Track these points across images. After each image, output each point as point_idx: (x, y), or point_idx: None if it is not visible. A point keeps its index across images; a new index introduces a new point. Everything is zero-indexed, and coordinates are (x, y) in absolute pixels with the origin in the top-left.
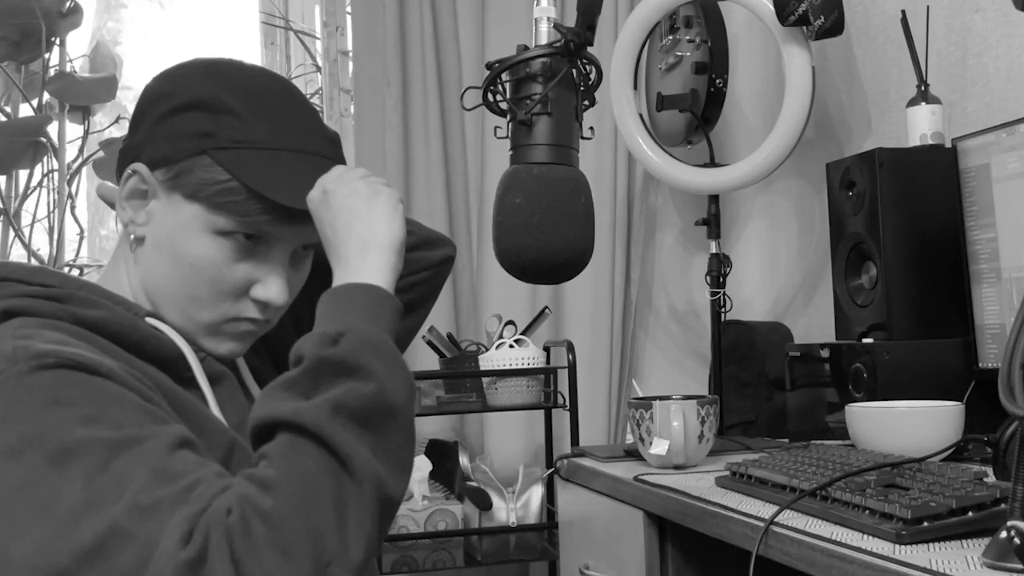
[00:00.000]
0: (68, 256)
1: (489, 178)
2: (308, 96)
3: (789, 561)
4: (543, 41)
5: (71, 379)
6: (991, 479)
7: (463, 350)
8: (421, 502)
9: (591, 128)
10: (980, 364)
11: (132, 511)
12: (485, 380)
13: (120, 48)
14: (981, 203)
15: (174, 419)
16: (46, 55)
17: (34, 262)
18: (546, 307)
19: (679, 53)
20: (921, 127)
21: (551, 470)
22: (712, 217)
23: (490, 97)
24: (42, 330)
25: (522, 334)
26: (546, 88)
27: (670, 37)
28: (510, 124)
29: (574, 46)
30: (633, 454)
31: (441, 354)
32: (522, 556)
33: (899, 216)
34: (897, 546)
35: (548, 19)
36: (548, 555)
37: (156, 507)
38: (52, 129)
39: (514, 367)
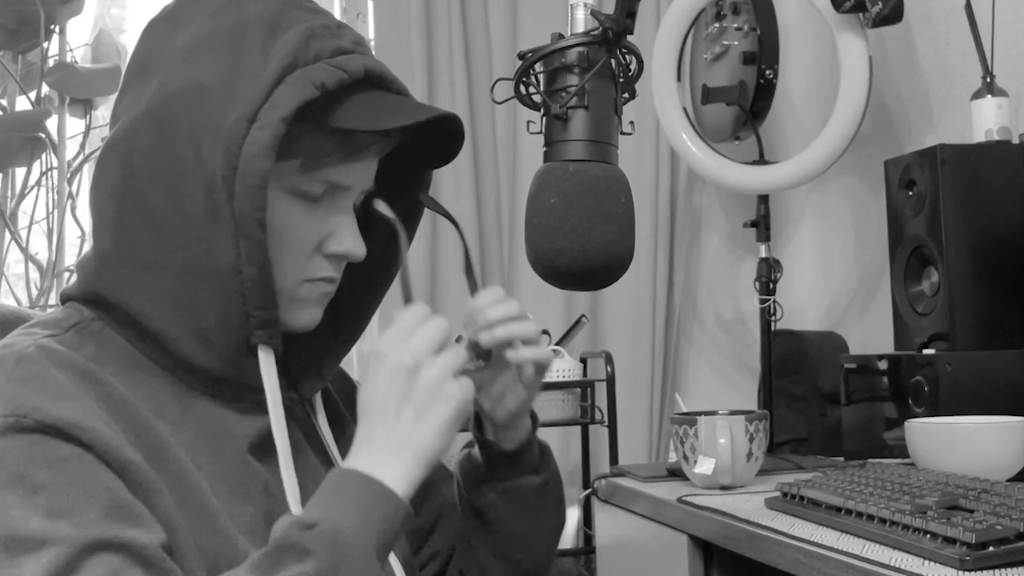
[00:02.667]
0: (69, 261)
1: (521, 177)
2: None
3: None
4: (580, 29)
5: (45, 453)
6: None
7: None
8: None
9: (631, 123)
10: None
11: None
12: None
13: (124, 37)
14: None
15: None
16: (45, 44)
17: (31, 267)
18: (583, 315)
19: (726, 42)
20: (986, 121)
21: (588, 491)
22: (761, 218)
23: (522, 89)
24: (45, 367)
25: (557, 344)
26: (583, 80)
27: (716, 25)
28: (544, 118)
29: (613, 34)
30: (676, 474)
31: None
32: None
33: (962, 217)
34: (960, 572)
35: (585, 5)
36: None
37: None
38: (51, 124)
39: (548, 380)
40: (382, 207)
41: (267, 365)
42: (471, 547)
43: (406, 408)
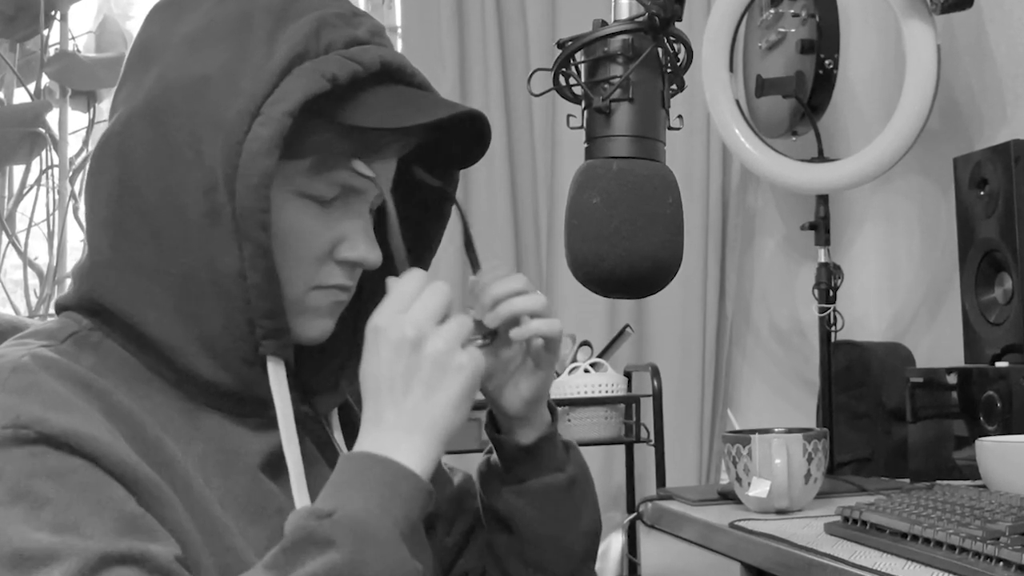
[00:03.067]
0: (71, 266)
1: (560, 175)
2: None
3: None
4: (624, 15)
5: (49, 465)
6: None
7: (548, 400)
8: None
9: (680, 117)
10: None
11: None
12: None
13: (131, 24)
14: None
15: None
16: (45, 31)
17: (30, 273)
18: (627, 325)
19: (782, 29)
20: None
21: (633, 515)
22: (820, 220)
23: (562, 81)
24: (42, 377)
25: (599, 357)
26: (627, 70)
27: (772, 11)
28: (585, 112)
29: (660, 21)
30: (728, 496)
31: None
32: None
33: None
34: None
35: None
36: None
37: None
38: (52, 118)
39: (590, 395)
40: (422, 174)
41: (277, 378)
42: (499, 559)
43: (414, 384)
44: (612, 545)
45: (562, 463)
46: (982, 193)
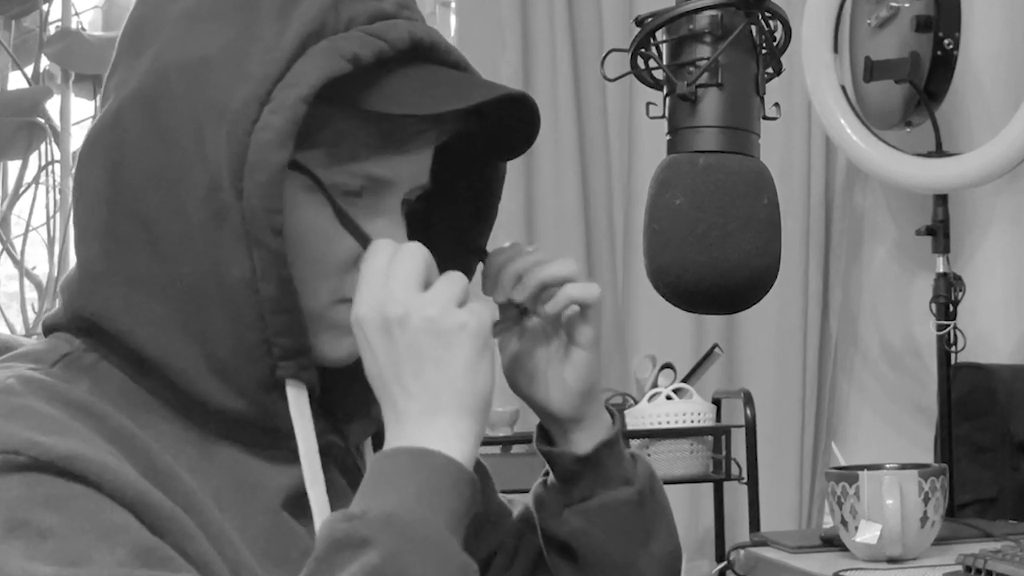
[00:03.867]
0: None
1: (639, 172)
2: None
3: None
4: None
5: (46, 492)
6: None
7: (604, 403)
8: None
9: (776, 105)
10: None
11: None
12: (634, 443)
13: None
14: None
15: (183, 534)
16: (44, 6)
17: (28, 286)
18: (716, 345)
19: (894, 4)
20: None
21: (723, 564)
22: (939, 224)
23: (641, 63)
24: (31, 401)
25: (683, 381)
26: (716, 51)
27: None
28: (667, 99)
29: None
30: (833, 542)
31: None
32: None
33: None
34: None
35: None
36: None
37: None
38: (52, 106)
39: (672, 426)
40: None
41: (298, 405)
42: None
43: (418, 363)
44: None
45: (629, 475)
46: None
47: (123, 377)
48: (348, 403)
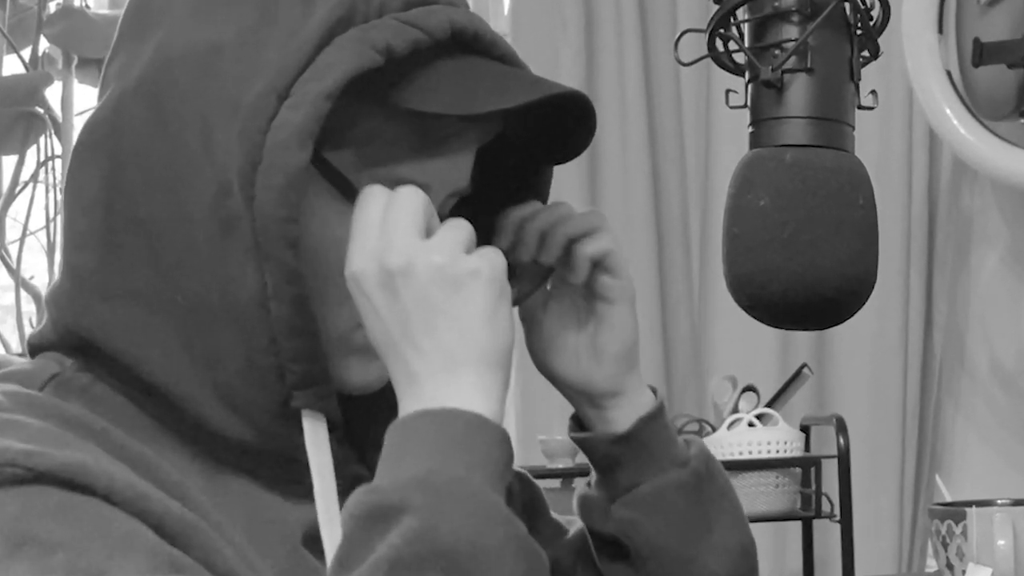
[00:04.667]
0: None
1: (717, 169)
2: None
3: None
4: None
5: (49, 504)
6: None
7: (679, 429)
8: None
9: (872, 93)
10: None
11: None
12: None
13: None
14: None
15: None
16: None
17: (25, 298)
18: (804, 365)
19: None
20: None
21: None
22: None
23: (719, 46)
24: (21, 417)
25: (767, 406)
26: (806, 32)
27: None
28: (750, 86)
29: None
30: None
31: None
32: None
33: None
34: None
35: None
36: None
37: None
38: (53, 94)
39: (755, 456)
40: None
41: (314, 438)
42: None
43: (428, 317)
44: None
45: (681, 455)
46: None
47: (122, 400)
48: (376, 430)
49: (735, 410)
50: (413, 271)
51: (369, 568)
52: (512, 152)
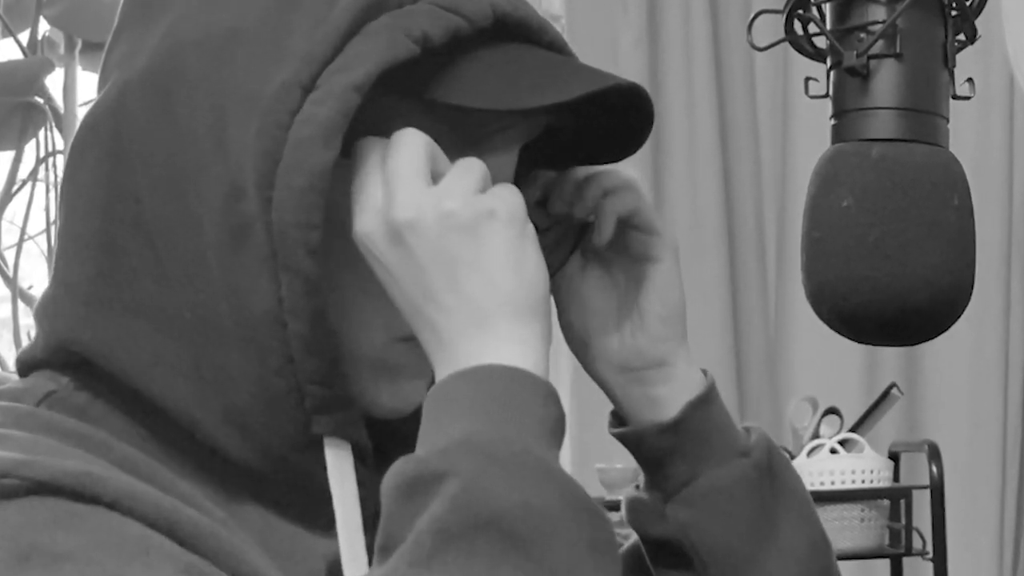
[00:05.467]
0: None
1: (795, 165)
2: None
3: None
4: None
5: (52, 513)
6: None
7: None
8: None
9: (969, 81)
10: None
11: None
12: None
13: None
14: None
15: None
16: None
17: (23, 310)
18: (893, 385)
19: None
20: None
21: None
22: None
23: (798, 28)
24: (12, 431)
25: (852, 431)
26: (895, 13)
27: None
28: (832, 74)
29: None
30: None
31: None
32: None
33: None
34: None
35: None
36: None
37: None
38: (54, 82)
39: (839, 487)
40: None
41: (338, 468)
42: None
43: (446, 269)
44: None
45: (742, 445)
46: None
47: (123, 420)
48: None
49: (816, 435)
50: (422, 222)
51: (412, 545)
52: (556, 148)
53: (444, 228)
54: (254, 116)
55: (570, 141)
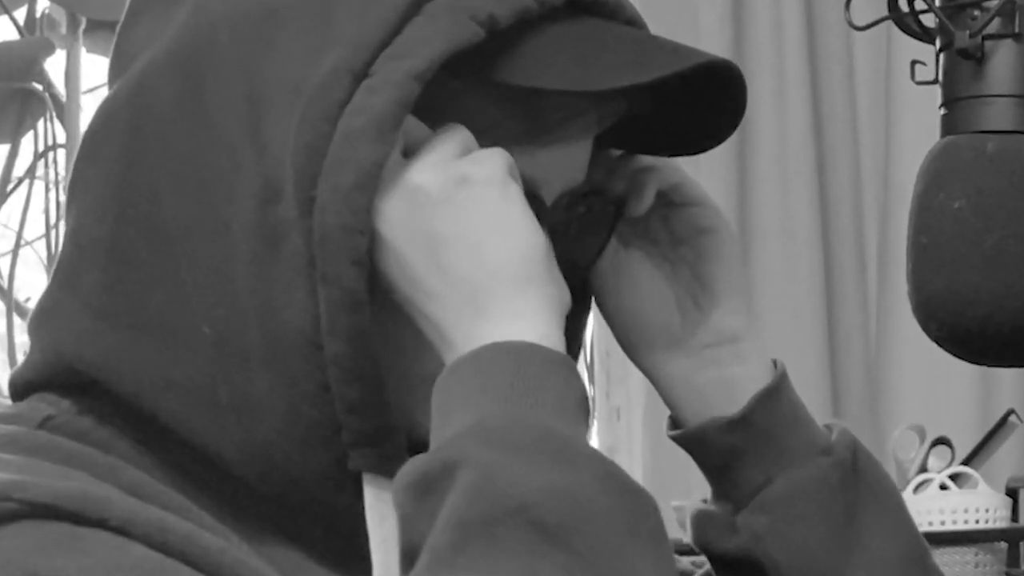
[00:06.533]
0: None
1: (899, 160)
2: None
3: None
4: None
5: (52, 536)
6: None
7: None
8: None
9: None
10: None
11: None
12: None
13: None
14: None
15: None
16: None
17: (19, 325)
18: (1011, 411)
19: None
20: None
21: None
22: None
23: (903, 4)
24: (4, 455)
25: (964, 463)
26: None
27: None
28: (942, 56)
29: None
30: None
31: None
32: None
33: None
34: None
35: None
36: None
37: None
38: (54, 65)
39: (950, 527)
40: None
41: (377, 508)
42: None
43: (428, 254)
44: None
45: (822, 441)
46: None
47: (133, 446)
48: None
49: (923, 469)
50: (390, 205)
51: (432, 546)
52: (626, 137)
53: (414, 205)
54: (296, 106)
55: (641, 130)
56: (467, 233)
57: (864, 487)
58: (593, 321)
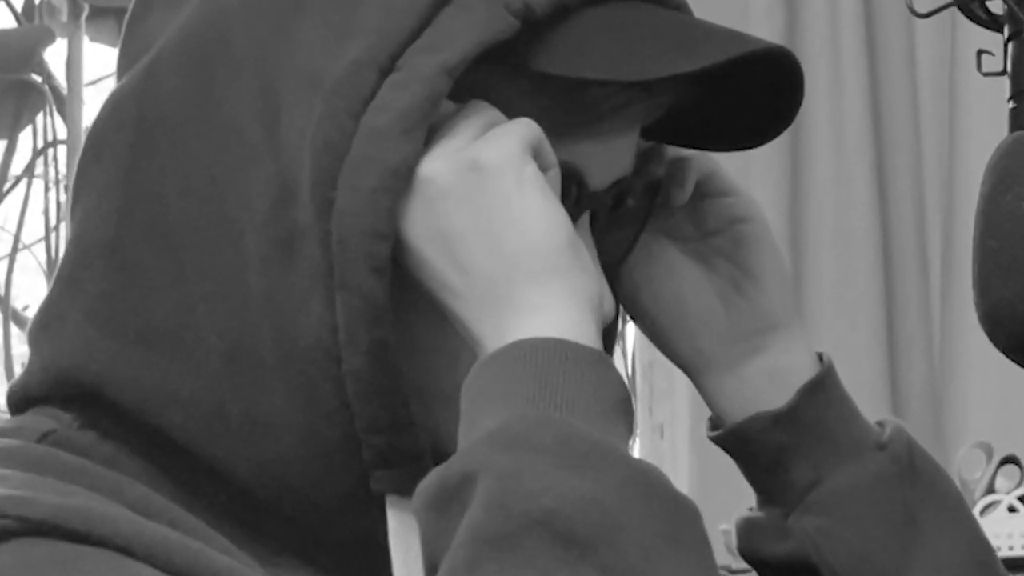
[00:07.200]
0: None
1: (965, 159)
2: None
3: None
4: None
5: (49, 554)
6: None
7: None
8: None
9: None
10: None
11: None
12: None
13: None
14: None
15: None
16: None
17: (17, 335)
18: None
19: None
20: None
21: None
22: None
23: None
24: (3, 471)
25: None
26: None
27: None
28: (1010, 46)
29: None
30: None
31: None
32: None
33: None
34: None
35: None
36: None
37: None
38: (54, 56)
39: (1020, 553)
40: None
41: (400, 531)
42: None
43: (447, 247)
44: None
45: (875, 437)
46: None
47: (138, 462)
48: None
49: (991, 489)
50: (426, 186)
51: (449, 571)
52: (660, 127)
53: (426, 201)
54: (315, 101)
55: (676, 121)
56: (481, 225)
57: (923, 484)
58: (634, 332)
